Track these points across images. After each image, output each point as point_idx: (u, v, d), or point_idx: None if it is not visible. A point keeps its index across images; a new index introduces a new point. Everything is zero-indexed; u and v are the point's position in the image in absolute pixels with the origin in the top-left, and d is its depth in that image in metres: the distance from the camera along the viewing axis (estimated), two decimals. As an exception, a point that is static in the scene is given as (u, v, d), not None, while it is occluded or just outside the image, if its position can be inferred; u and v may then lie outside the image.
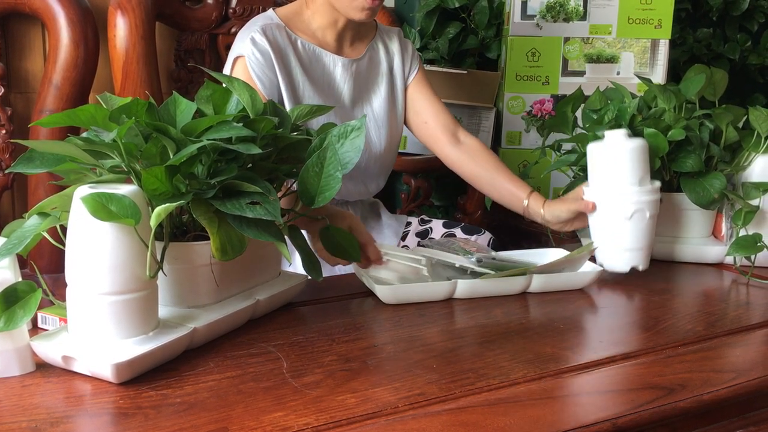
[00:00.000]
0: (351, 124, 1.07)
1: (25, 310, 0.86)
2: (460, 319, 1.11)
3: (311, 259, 1.08)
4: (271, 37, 1.45)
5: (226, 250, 0.93)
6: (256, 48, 1.43)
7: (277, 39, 1.46)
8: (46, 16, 1.58)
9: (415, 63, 1.63)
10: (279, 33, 1.46)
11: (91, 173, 0.96)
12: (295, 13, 1.52)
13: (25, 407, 0.80)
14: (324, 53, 1.51)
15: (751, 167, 1.40)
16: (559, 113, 1.50)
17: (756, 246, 1.30)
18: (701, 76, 1.43)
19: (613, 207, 1.28)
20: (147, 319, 0.90)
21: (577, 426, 0.80)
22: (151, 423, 0.78)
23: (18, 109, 1.67)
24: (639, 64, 2.07)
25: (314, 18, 1.51)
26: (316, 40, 1.52)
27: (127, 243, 0.86)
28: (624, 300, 1.23)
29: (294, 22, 1.51)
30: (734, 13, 2.45)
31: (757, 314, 1.17)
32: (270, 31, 1.45)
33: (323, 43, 1.52)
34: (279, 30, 1.47)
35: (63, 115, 0.90)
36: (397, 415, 0.81)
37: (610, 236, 1.29)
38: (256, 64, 1.43)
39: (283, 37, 1.47)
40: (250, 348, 0.97)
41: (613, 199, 1.28)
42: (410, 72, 1.63)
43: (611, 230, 1.28)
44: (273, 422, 0.78)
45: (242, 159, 0.99)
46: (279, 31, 1.47)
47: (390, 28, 1.66)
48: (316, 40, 1.51)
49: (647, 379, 0.93)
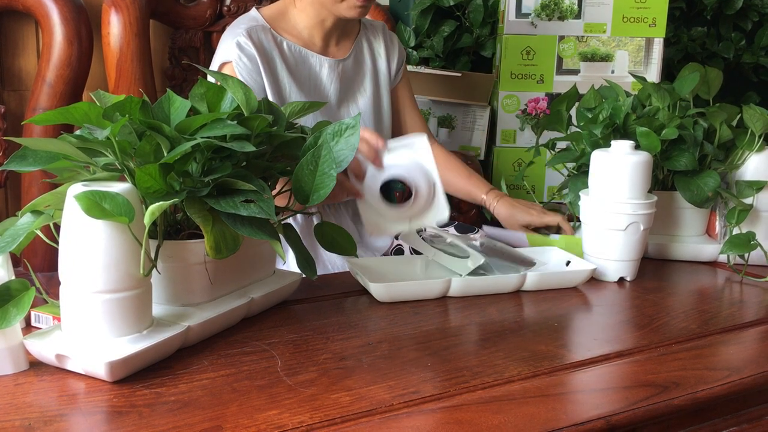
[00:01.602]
0: (346, 122, 1.07)
1: (18, 308, 0.86)
2: (454, 318, 1.11)
3: (306, 258, 1.08)
4: (257, 40, 1.44)
5: (220, 248, 0.93)
6: (243, 53, 1.42)
7: (262, 42, 1.44)
8: (40, 13, 1.57)
9: (401, 63, 1.65)
10: (264, 35, 1.45)
11: (84, 171, 0.96)
12: (280, 13, 1.51)
13: (18, 406, 0.80)
14: (310, 54, 1.50)
15: (744, 166, 1.41)
16: (554, 112, 1.50)
17: (749, 244, 1.30)
18: (695, 75, 1.43)
19: (609, 217, 1.28)
20: (141, 317, 0.90)
21: (572, 424, 0.80)
22: (145, 421, 0.78)
23: (11, 106, 1.66)
24: (633, 62, 2.08)
25: (300, 17, 1.50)
26: (301, 40, 1.50)
27: (120, 241, 0.85)
28: (618, 298, 1.23)
29: (279, 22, 1.49)
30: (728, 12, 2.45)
31: (751, 312, 1.18)
32: (255, 34, 1.44)
33: (309, 44, 1.51)
34: (264, 32, 1.45)
35: (56, 113, 0.90)
36: (391, 413, 0.81)
37: (602, 245, 1.29)
38: (244, 69, 1.42)
39: (269, 39, 1.46)
40: (244, 346, 0.97)
41: (610, 209, 1.28)
42: (396, 73, 1.64)
43: (604, 239, 1.28)
44: (267, 420, 0.78)
45: (236, 157, 0.98)
46: (264, 33, 1.45)
47: (374, 22, 1.65)
48: (301, 41, 1.50)
49: (641, 376, 0.93)
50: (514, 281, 1.20)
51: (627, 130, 1.39)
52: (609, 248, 1.28)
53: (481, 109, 2.10)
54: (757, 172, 1.39)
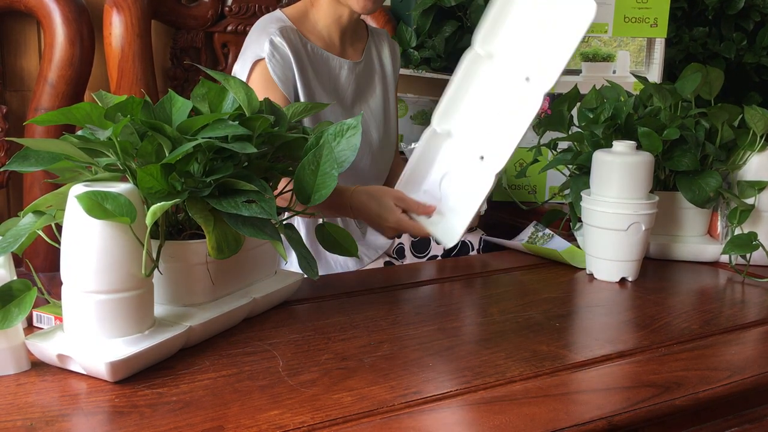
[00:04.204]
0: (347, 122, 1.07)
1: (21, 308, 0.86)
2: (456, 318, 1.11)
3: (307, 258, 1.08)
4: (289, 41, 1.46)
5: (221, 248, 0.93)
6: (276, 51, 1.44)
7: (293, 43, 1.47)
8: (42, 13, 1.58)
9: (398, 70, 1.69)
10: (293, 36, 1.47)
11: (86, 171, 0.96)
12: (302, 14, 1.53)
13: (20, 406, 0.80)
14: (331, 57, 1.53)
15: (746, 166, 1.41)
16: (555, 112, 1.50)
17: (751, 245, 1.30)
18: (697, 75, 1.43)
19: (610, 217, 1.27)
20: (142, 317, 0.90)
21: (573, 424, 0.80)
22: (147, 422, 0.78)
23: (13, 107, 1.66)
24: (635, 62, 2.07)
25: (319, 16, 1.52)
26: (322, 41, 1.53)
27: (122, 241, 0.85)
28: (620, 298, 1.23)
29: (302, 23, 1.52)
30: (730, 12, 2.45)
31: (753, 313, 1.18)
32: (287, 35, 1.46)
33: (330, 45, 1.54)
34: (293, 33, 1.48)
35: (58, 113, 0.90)
36: (393, 414, 0.81)
37: (603, 245, 1.29)
38: (277, 66, 1.44)
39: (296, 40, 1.48)
40: (245, 346, 0.97)
41: (611, 209, 1.27)
42: (396, 77, 1.68)
43: (606, 239, 1.28)
44: (269, 421, 0.78)
45: (238, 157, 0.98)
46: (293, 34, 1.47)
47: (378, 30, 1.69)
48: (322, 42, 1.53)
49: (643, 377, 0.93)
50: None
51: (628, 131, 1.38)
52: (610, 248, 1.28)
53: (483, 109, 2.09)
54: (758, 172, 1.39)
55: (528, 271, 1.34)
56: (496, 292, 1.26)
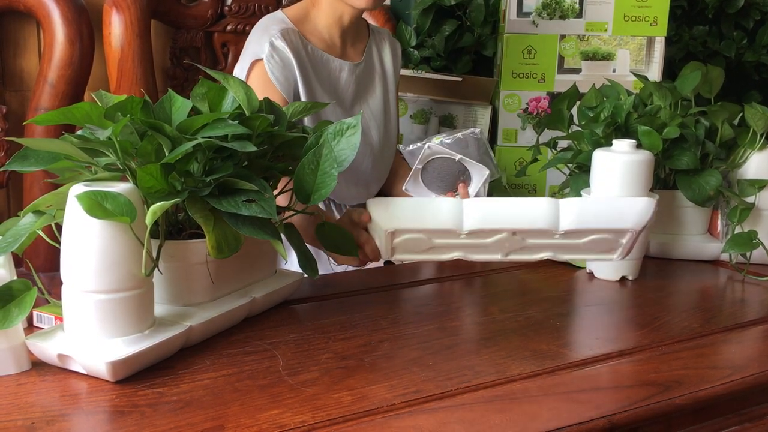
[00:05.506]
0: (347, 122, 1.07)
1: (21, 308, 0.86)
2: (456, 317, 1.11)
3: (307, 257, 1.08)
4: (290, 42, 1.46)
5: (221, 247, 0.93)
6: (276, 53, 1.44)
7: (294, 44, 1.47)
8: (41, 13, 1.57)
9: (399, 69, 1.69)
10: (294, 37, 1.47)
11: (86, 171, 0.96)
12: (303, 15, 1.53)
13: (20, 406, 0.80)
14: (331, 59, 1.53)
15: (746, 164, 1.41)
16: (555, 111, 1.50)
17: (751, 243, 1.30)
18: (697, 74, 1.43)
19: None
20: (143, 317, 0.90)
21: (574, 423, 0.80)
22: (147, 421, 0.78)
23: (13, 107, 1.66)
24: (635, 61, 2.07)
25: (320, 16, 1.52)
26: (323, 43, 1.53)
27: (122, 241, 0.85)
28: (620, 297, 1.23)
29: (303, 24, 1.51)
30: (730, 10, 2.45)
31: (753, 311, 1.18)
32: (288, 37, 1.46)
33: (330, 47, 1.54)
34: (294, 35, 1.48)
35: (58, 113, 0.90)
36: (393, 413, 0.81)
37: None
38: (275, 67, 1.44)
39: (297, 41, 1.48)
40: (246, 346, 0.97)
41: None
42: (397, 76, 1.67)
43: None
44: (269, 420, 0.78)
45: (238, 157, 0.98)
46: (294, 35, 1.47)
47: (379, 29, 1.69)
48: (323, 43, 1.53)
49: (643, 376, 0.93)
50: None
51: (628, 129, 1.39)
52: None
53: (483, 109, 2.09)
54: (758, 170, 1.39)
55: (528, 270, 1.34)
56: (496, 291, 1.26)
